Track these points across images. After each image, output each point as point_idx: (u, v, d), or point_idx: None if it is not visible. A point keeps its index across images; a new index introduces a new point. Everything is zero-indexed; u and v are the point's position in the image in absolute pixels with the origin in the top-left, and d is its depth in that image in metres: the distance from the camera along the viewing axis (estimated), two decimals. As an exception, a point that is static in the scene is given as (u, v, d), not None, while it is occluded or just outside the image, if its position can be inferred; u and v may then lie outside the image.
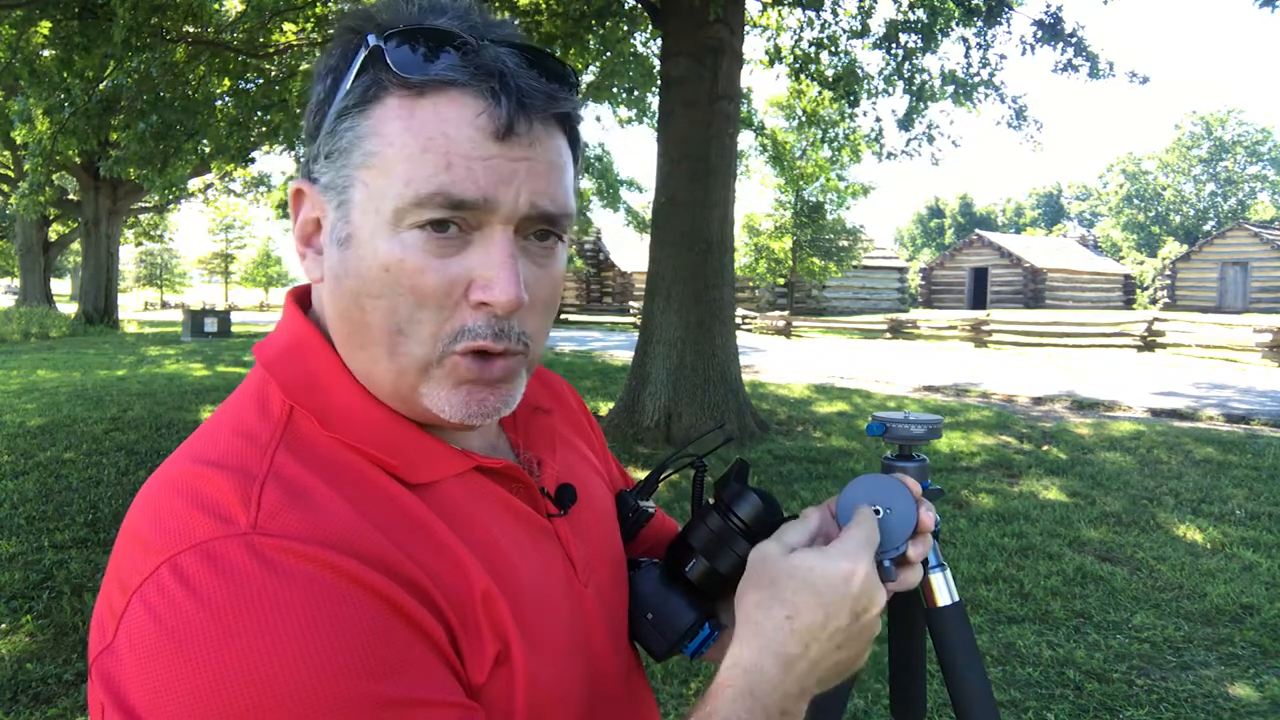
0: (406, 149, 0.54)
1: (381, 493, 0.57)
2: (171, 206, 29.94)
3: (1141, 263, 52.55)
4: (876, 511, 0.68)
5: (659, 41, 8.18)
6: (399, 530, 0.55)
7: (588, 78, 10.38)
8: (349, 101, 0.56)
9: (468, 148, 0.54)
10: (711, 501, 0.77)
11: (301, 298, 0.67)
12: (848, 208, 26.67)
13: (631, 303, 29.35)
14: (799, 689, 0.62)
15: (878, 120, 9.97)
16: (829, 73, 9.56)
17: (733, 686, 0.61)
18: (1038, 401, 9.67)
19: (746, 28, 7.92)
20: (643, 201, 20.53)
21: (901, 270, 36.45)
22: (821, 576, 0.62)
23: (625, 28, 9.68)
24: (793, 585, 0.62)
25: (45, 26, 8.02)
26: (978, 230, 47.85)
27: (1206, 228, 57.48)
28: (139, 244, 40.77)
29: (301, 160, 0.59)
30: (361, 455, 0.58)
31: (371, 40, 0.56)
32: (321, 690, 0.47)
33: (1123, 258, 54.55)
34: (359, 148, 0.56)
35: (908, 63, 8.91)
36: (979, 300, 37.61)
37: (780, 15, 9.66)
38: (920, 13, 8.41)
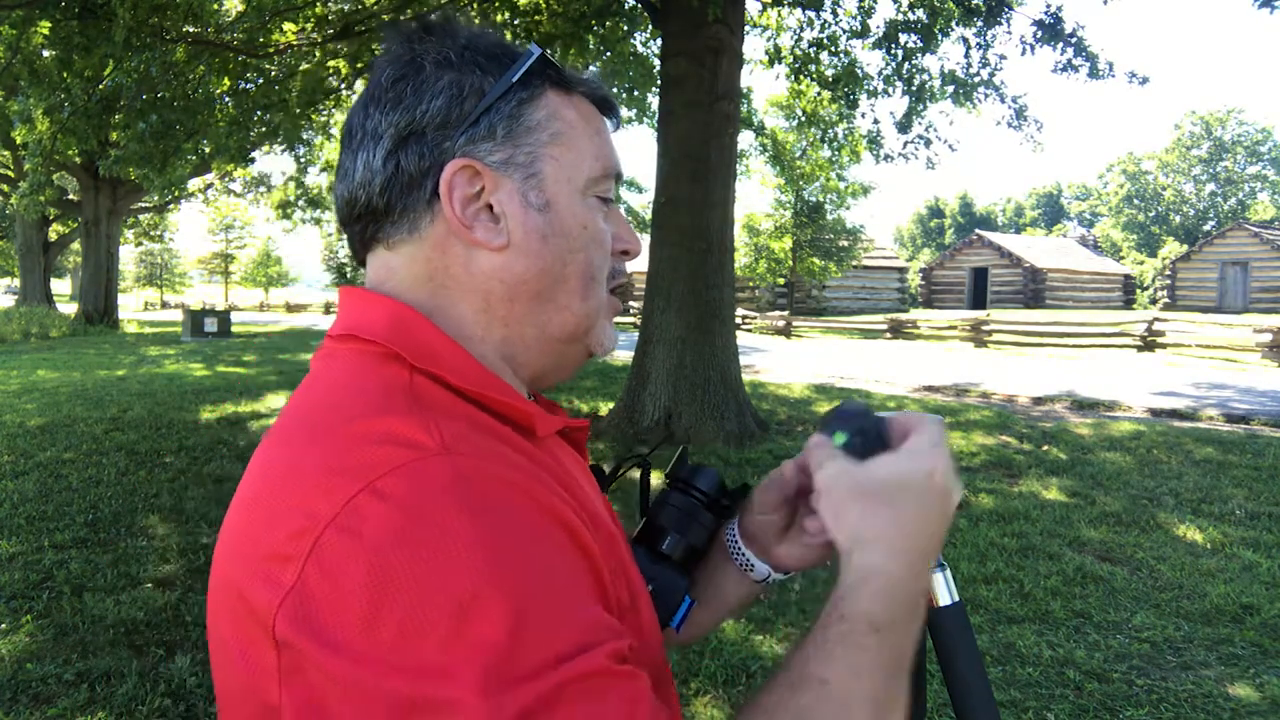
0: (586, 131, 0.67)
1: (514, 444, 0.58)
2: (171, 206, 29.94)
3: (1141, 263, 52.51)
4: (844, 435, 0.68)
5: (659, 41, 8.18)
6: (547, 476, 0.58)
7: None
8: (524, 94, 0.65)
9: (610, 135, 0.71)
10: (666, 484, 0.81)
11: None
12: (848, 208, 26.69)
13: (631, 303, 29.35)
14: (918, 586, 0.63)
15: (875, 122, 9.98)
16: (829, 73, 9.57)
17: (869, 585, 0.60)
18: (1038, 401, 9.67)
19: (746, 28, 7.92)
20: (643, 201, 20.55)
21: (901, 270, 36.44)
22: (910, 476, 0.63)
23: (625, 28, 9.69)
24: (888, 490, 0.63)
25: (45, 26, 8.01)
26: (978, 230, 47.83)
27: (1206, 228, 57.44)
28: (139, 244, 40.78)
29: (428, 143, 0.63)
30: (491, 409, 0.60)
31: (536, 51, 0.66)
32: (549, 608, 0.47)
33: (1123, 258, 54.51)
34: (547, 128, 0.65)
35: (907, 63, 8.91)
36: (979, 300, 37.60)
37: (780, 15, 9.67)
38: (920, 13, 8.41)
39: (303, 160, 15.16)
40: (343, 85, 10.22)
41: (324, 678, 0.47)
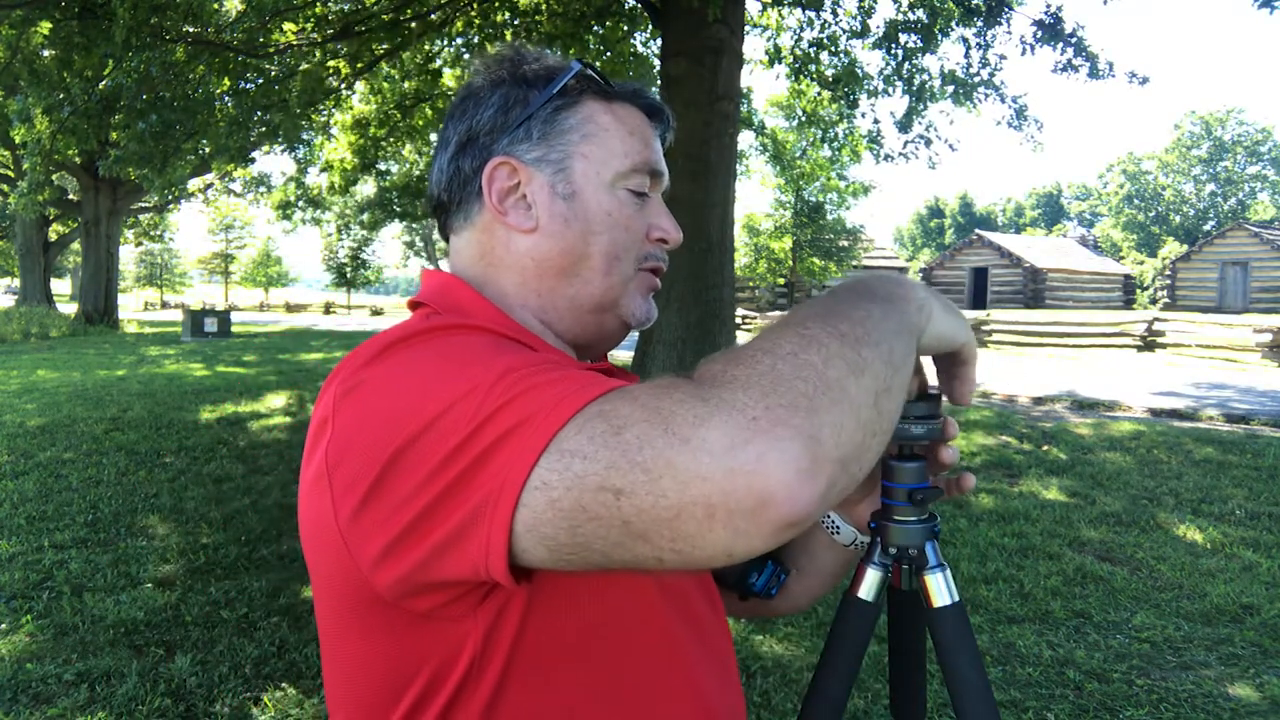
0: (619, 133, 0.77)
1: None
2: (171, 206, 29.93)
3: (1141, 263, 52.46)
4: None
5: (659, 41, 8.18)
6: None
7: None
8: (560, 102, 0.76)
9: (651, 138, 0.80)
10: None
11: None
12: (848, 208, 26.68)
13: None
14: (884, 301, 0.63)
15: (876, 122, 9.96)
16: (829, 73, 9.56)
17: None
18: (1038, 401, 9.66)
19: (746, 28, 7.91)
20: (643, 201, 20.50)
21: (901, 270, 36.44)
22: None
23: (625, 28, 9.68)
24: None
25: (45, 26, 8.01)
26: (978, 230, 47.76)
27: (1206, 228, 57.40)
28: (139, 244, 40.73)
29: (480, 146, 0.76)
30: None
31: (576, 66, 0.78)
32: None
33: (1123, 258, 54.42)
34: (578, 131, 0.76)
35: (907, 63, 8.90)
36: (979, 300, 37.57)
37: (780, 15, 9.66)
38: (920, 13, 8.40)
39: (303, 160, 15.13)
40: (343, 85, 10.22)
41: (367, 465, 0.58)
